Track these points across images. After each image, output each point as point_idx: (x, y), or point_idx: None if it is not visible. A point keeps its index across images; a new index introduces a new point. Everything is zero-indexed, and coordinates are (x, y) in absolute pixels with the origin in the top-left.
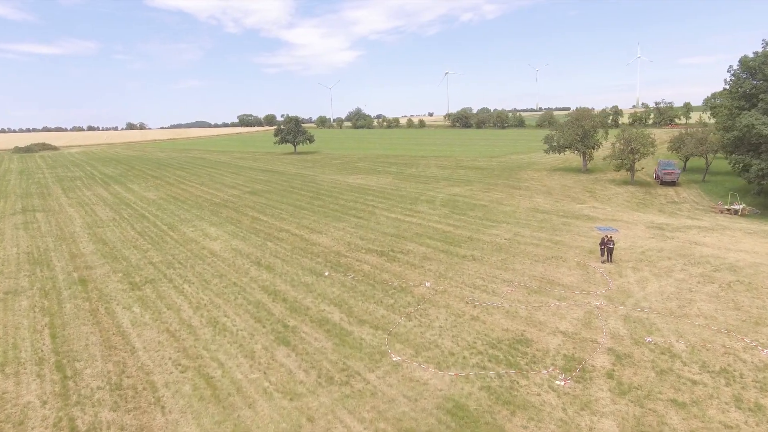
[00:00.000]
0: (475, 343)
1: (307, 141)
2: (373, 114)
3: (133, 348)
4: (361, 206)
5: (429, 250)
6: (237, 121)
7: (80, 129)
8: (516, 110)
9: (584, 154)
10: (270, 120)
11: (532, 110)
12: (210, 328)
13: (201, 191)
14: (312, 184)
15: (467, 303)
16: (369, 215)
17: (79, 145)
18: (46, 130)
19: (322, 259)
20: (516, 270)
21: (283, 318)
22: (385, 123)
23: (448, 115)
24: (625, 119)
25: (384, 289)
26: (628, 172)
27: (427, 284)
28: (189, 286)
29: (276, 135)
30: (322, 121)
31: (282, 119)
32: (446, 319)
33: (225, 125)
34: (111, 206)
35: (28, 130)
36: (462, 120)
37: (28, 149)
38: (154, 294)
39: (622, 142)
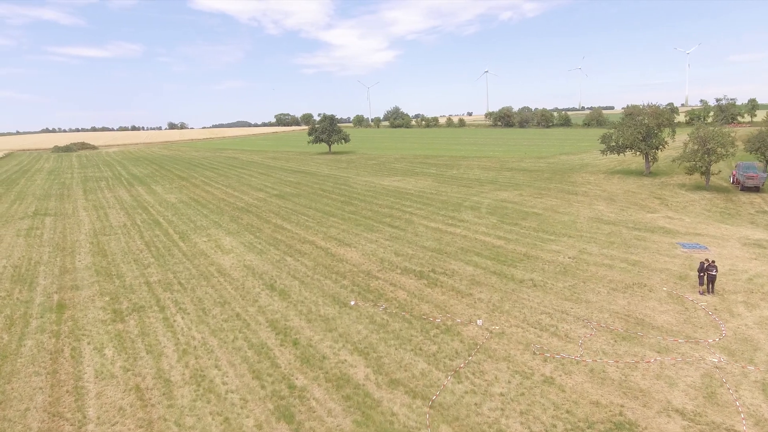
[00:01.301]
0: (555, 427)
1: (342, 140)
2: (411, 114)
3: (83, 419)
4: (397, 213)
5: (478, 271)
6: (275, 120)
7: (125, 129)
8: (557, 109)
9: (647, 155)
10: (307, 119)
11: (574, 109)
12: (192, 387)
13: (225, 194)
14: (344, 186)
15: (534, 354)
16: (406, 224)
17: (118, 145)
18: (93, 130)
19: (348, 282)
20: (591, 303)
21: (290, 373)
22: (423, 122)
23: (489, 114)
24: (680, 118)
25: (424, 328)
26: (702, 176)
27: (479, 322)
28: (182, 318)
29: (310, 134)
30: (359, 121)
31: (318, 118)
32: (509, 382)
33: (265, 125)
34: (127, 210)
35: (77, 130)
36: (504, 119)
37: (67, 149)
38: (137, 328)
39: (696, 141)
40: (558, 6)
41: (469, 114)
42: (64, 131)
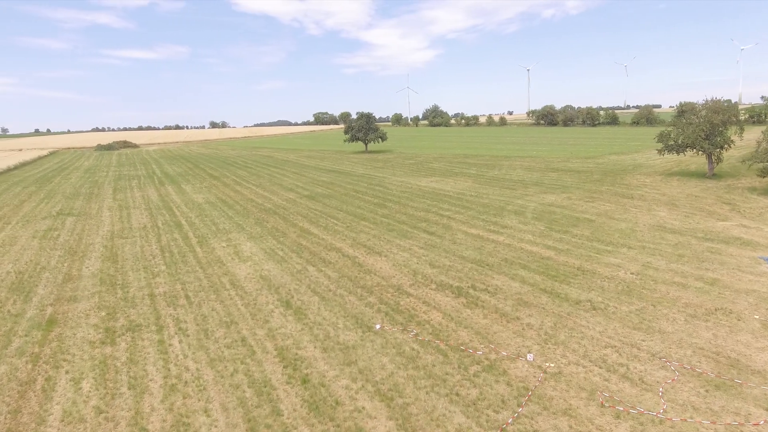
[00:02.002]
0: None
1: (379, 139)
2: (450, 113)
3: None
4: (433, 217)
5: (525, 288)
6: (313, 119)
7: (169, 128)
8: (601, 108)
9: (710, 155)
10: (345, 118)
11: (619, 108)
12: None
13: (254, 194)
14: (379, 187)
15: (602, 406)
16: (443, 230)
17: (159, 143)
18: (139, 129)
19: (375, 299)
20: (666, 334)
21: (294, 425)
22: (463, 121)
23: (532, 113)
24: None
25: (462, 363)
26: None
27: (530, 357)
28: (180, 342)
29: (346, 132)
30: (398, 119)
31: (356, 117)
32: None
33: (304, 124)
34: (151, 211)
35: (125, 129)
36: (547, 117)
37: (109, 147)
38: (126, 353)
39: None
40: (603, 2)
41: (510, 113)
42: (113, 130)
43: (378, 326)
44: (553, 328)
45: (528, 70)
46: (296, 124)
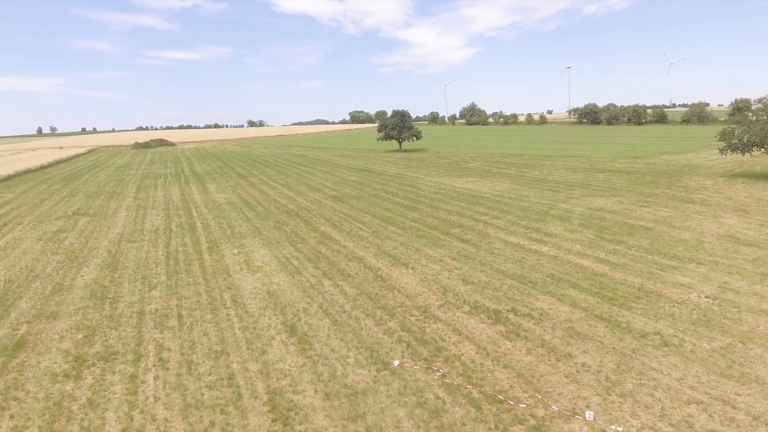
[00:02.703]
0: None
1: (414, 137)
2: (488, 112)
3: None
4: (468, 222)
5: (576, 313)
6: (349, 118)
7: (209, 126)
8: (645, 106)
9: None
10: (381, 116)
11: (664, 106)
12: None
13: (279, 194)
14: (410, 188)
15: None
16: (479, 238)
17: (195, 142)
18: (180, 128)
19: (396, 324)
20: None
21: None
22: (501, 119)
23: (573, 111)
24: None
25: (500, 421)
26: None
27: (590, 415)
28: (155, 378)
29: (380, 131)
30: (434, 118)
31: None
32: None
33: (342, 122)
34: (168, 211)
35: (167, 128)
36: (590, 116)
37: (146, 145)
38: (89, 392)
39: None
40: None
41: (549, 112)
42: (156, 129)
43: (396, 362)
44: (616, 371)
45: (569, 68)
46: (333, 123)
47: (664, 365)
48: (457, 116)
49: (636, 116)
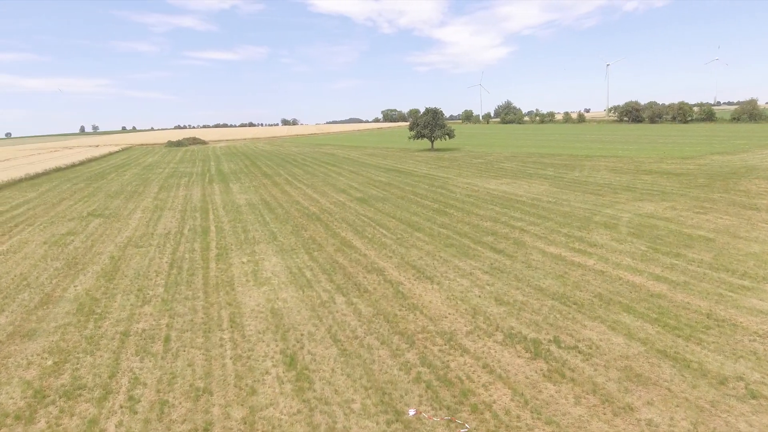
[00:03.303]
0: None
1: (446, 136)
2: (524, 111)
3: None
4: (502, 229)
5: (634, 346)
6: (382, 117)
7: (244, 125)
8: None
9: None
10: (414, 115)
11: (708, 104)
12: None
13: (302, 195)
14: (441, 190)
15: None
16: (514, 247)
17: (227, 140)
18: (216, 126)
19: (416, 355)
20: None
21: None
22: (537, 118)
23: (614, 109)
24: None
25: None
26: None
27: None
28: (118, 426)
29: (411, 129)
30: (468, 116)
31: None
32: None
33: (375, 121)
34: (185, 213)
35: (204, 127)
36: (631, 113)
37: (179, 143)
38: None
39: None
40: None
41: (586, 110)
42: (193, 127)
43: (412, 412)
44: None
45: (608, 65)
46: (366, 122)
47: (756, 427)
48: (492, 115)
49: (681, 114)
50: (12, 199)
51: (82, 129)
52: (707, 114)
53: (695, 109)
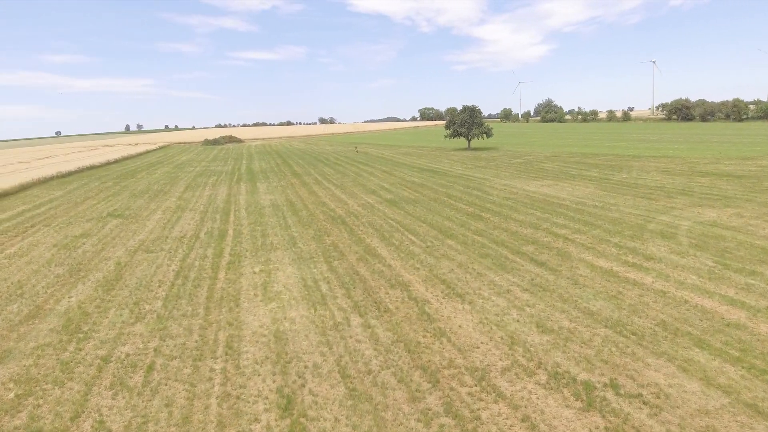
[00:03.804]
0: None
1: (484, 135)
2: (564, 109)
3: None
4: (544, 237)
5: (714, 396)
6: (418, 115)
7: (282, 124)
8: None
9: None
10: (451, 113)
11: (760, 101)
12: None
13: (330, 196)
14: (477, 192)
15: None
16: (558, 259)
17: (263, 138)
18: (255, 125)
19: (438, 399)
20: None
21: None
22: (579, 116)
23: (662, 106)
24: None
25: None
26: None
27: None
28: None
29: (447, 128)
30: (506, 115)
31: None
32: None
33: (412, 119)
34: (205, 215)
35: (244, 125)
36: (680, 111)
37: (215, 142)
38: None
39: None
40: None
41: (630, 109)
42: (233, 126)
43: None
44: None
45: (653, 62)
46: (404, 121)
47: None
48: (532, 113)
49: (736, 111)
50: (38, 197)
51: (127, 128)
52: (765, 112)
53: (751, 107)
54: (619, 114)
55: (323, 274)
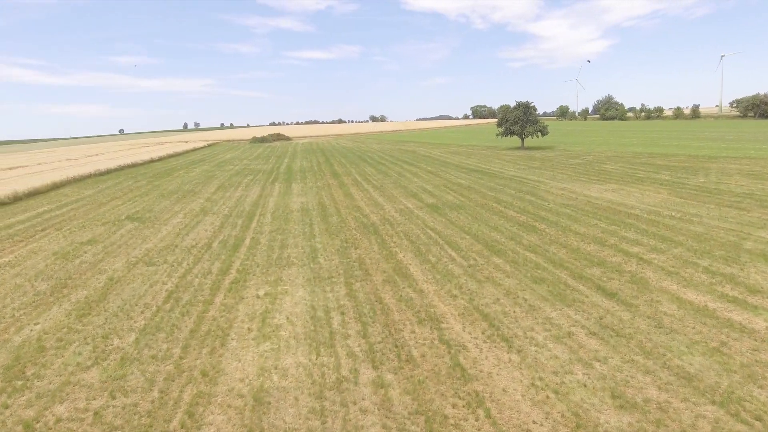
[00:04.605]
0: None
1: (539, 133)
2: (626, 106)
3: None
4: (612, 257)
5: None
6: (471, 113)
7: (334, 122)
8: None
9: None
10: (504, 110)
11: None
12: None
13: (367, 199)
14: (530, 197)
15: None
16: (633, 288)
17: (311, 136)
18: (306, 123)
19: None
20: None
21: None
22: (643, 113)
23: (736, 102)
24: None
25: None
26: None
27: None
28: None
29: (499, 125)
30: (563, 113)
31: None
32: None
33: (465, 117)
34: (227, 219)
35: (296, 123)
36: (758, 108)
37: (262, 139)
38: None
39: None
40: None
41: (696, 106)
42: (287, 124)
43: None
44: None
45: (722, 57)
46: (456, 119)
47: None
48: (590, 111)
49: None
50: (66, 197)
51: (185, 126)
52: None
53: None
54: (687, 111)
55: (339, 300)
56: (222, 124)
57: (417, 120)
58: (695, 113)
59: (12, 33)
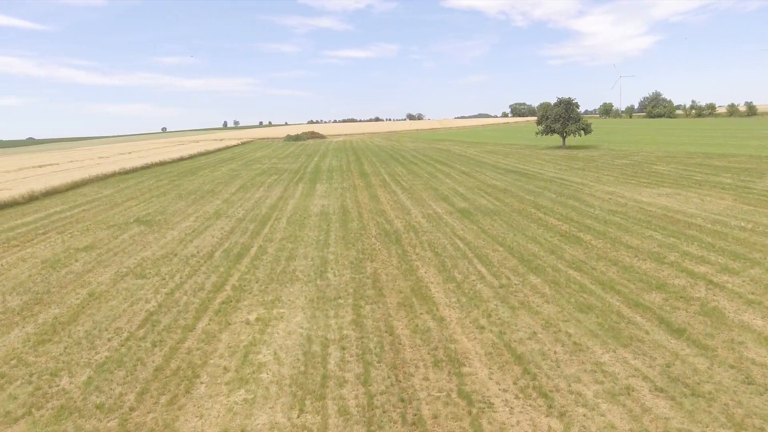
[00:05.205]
0: None
1: (581, 131)
2: (674, 103)
3: None
4: (674, 278)
5: None
6: (510, 111)
7: (371, 120)
8: None
9: None
10: (544, 108)
11: None
12: None
13: (393, 203)
14: (573, 201)
15: None
16: (704, 322)
17: (345, 134)
18: (343, 121)
19: None
20: None
21: None
22: (693, 111)
23: None
24: None
25: None
26: None
27: None
28: None
29: (539, 123)
30: (606, 110)
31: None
32: None
33: (503, 115)
34: (239, 224)
35: (334, 122)
36: None
37: (296, 137)
38: None
39: None
40: None
41: (747, 103)
42: (325, 122)
43: None
44: None
45: None
46: (495, 117)
47: None
48: (636, 108)
49: None
50: (84, 196)
51: (225, 124)
52: None
53: None
54: (742, 108)
55: (342, 329)
56: (260, 123)
57: (455, 118)
58: (751, 110)
59: (66, 36)
